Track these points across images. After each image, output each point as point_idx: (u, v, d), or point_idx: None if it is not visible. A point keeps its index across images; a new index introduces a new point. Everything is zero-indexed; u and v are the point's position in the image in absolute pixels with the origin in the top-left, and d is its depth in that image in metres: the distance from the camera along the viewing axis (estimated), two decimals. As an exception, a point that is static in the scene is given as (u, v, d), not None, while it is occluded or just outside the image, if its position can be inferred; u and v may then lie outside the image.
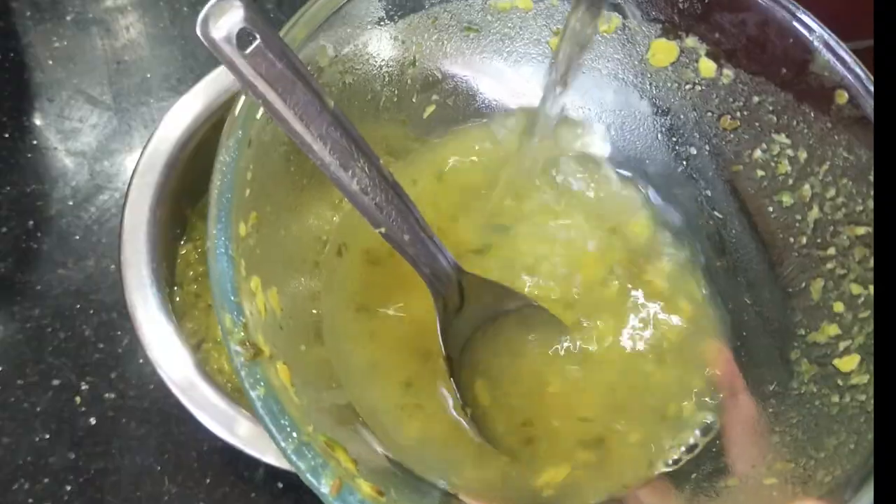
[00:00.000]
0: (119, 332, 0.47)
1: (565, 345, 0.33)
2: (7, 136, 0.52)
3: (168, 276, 0.42)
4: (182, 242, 0.46)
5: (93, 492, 0.44)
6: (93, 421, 0.45)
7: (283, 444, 0.23)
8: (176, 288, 0.45)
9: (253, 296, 0.25)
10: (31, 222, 0.50)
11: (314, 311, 0.32)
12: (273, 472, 0.44)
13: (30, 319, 0.47)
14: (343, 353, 0.32)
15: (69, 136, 0.53)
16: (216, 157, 0.26)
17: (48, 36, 0.56)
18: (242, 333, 0.23)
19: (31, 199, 0.50)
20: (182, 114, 0.43)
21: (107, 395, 0.46)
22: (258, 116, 0.27)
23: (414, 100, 0.35)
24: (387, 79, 0.34)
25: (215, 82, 0.43)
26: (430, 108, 0.36)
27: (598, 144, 0.37)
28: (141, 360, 0.47)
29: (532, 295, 0.33)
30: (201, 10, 0.22)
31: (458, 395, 0.31)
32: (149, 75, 0.55)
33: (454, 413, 0.31)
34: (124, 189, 0.44)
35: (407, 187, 0.27)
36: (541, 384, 0.32)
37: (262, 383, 0.23)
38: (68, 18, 0.56)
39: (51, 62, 0.55)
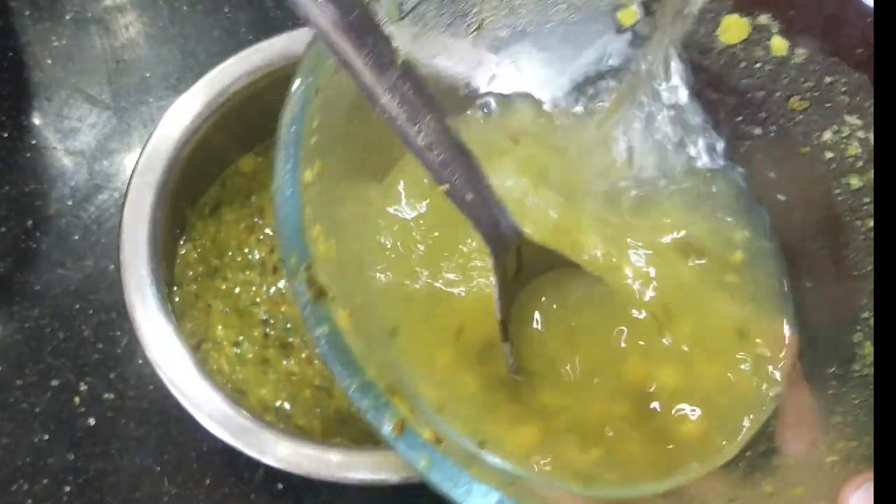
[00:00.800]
0: (118, 333, 0.47)
1: (624, 316, 0.32)
2: (6, 135, 0.52)
3: (167, 276, 0.42)
4: (181, 242, 0.46)
5: (92, 492, 0.44)
6: (92, 421, 0.45)
7: (346, 382, 0.23)
8: (175, 288, 0.45)
9: (315, 242, 0.25)
10: (29, 222, 0.50)
11: (370, 274, 0.32)
12: (273, 473, 0.44)
13: (29, 319, 0.47)
14: (393, 314, 0.31)
15: (68, 135, 0.53)
16: (286, 103, 0.26)
17: (47, 35, 0.56)
18: (307, 273, 0.23)
19: (29, 199, 0.50)
20: (181, 113, 0.42)
21: (106, 395, 0.46)
22: (327, 65, 0.27)
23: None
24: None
25: (215, 81, 0.43)
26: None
27: None
28: (140, 361, 0.46)
29: (591, 265, 0.33)
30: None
31: (510, 360, 0.30)
32: (148, 74, 0.55)
33: (501, 377, 0.31)
34: (123, 189, 0.44)
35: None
36: (591, 354, 0.32)
37: (326, 322, 0.23)
38: (67, 17, 0.56)
39: (49, 61, 0.55)
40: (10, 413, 0.45)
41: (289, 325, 0.44)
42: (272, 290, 0.45)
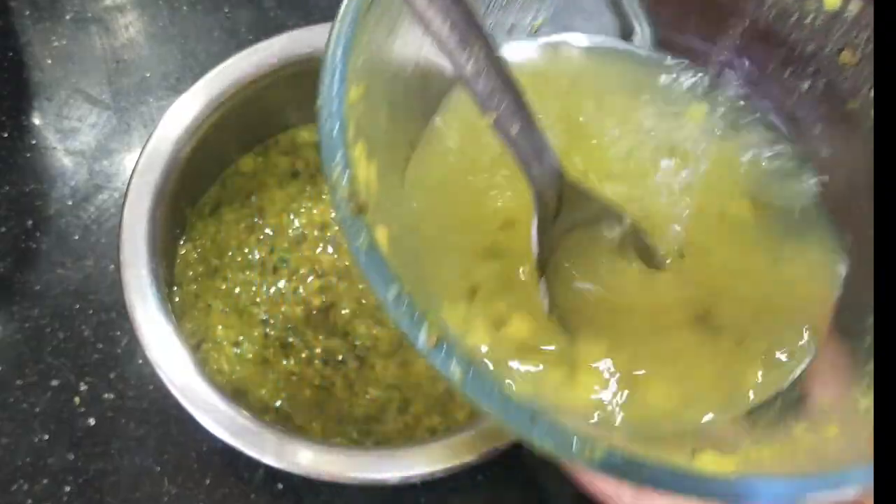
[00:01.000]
0: (118, 333, 0.47)
1: (661, 260, 0.32)
2: (6, 135, 0.52)
3: (167, 276, 0.42)
4: (181, 242, 0.46)
5: (92, 492, 0.44)
6: (92, 421, 0.45)
7: (384, 294, 0.23)
8: (175, 288, 0.45)
9: (356, 161, 0.25)
10: (29, 222, 0.50)
11: (409, 200, 0.32)
12: (273, 473, 0.44)
13: (28, 319, 0.47)
14: (427, 236, 0.31)
15: (68, 135, 0.53)
16: (336, 19, 0.26)
17: (47, 35, 0.56)
18: (349, 187, 0.24)
19: (29, 199, 0.50)
20: (181, 113, 0.42)
21: (106, 395, 0.46)
22: None
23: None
24: None
25: (215, 81, 0.43)
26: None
27: None
28: (140, 361, 0.46)
29: (631, 208, 0.32)
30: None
31: (545, 298, 0.30)
32: (148, 74, 0.55)
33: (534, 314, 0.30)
34: (123, 189, 0.44)
35: None
36: (627, 299, 0.31)
37: (365, 235, 0.23)
38: (67, 17, 0.56)
39: (49, 61, 0.55)
40: (9, 413, 0.45)
41: (289, 325, 0.44)
42: (272, 290, 0.45)
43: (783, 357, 0.30)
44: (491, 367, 0.28)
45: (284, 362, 0.44)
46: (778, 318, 0.31)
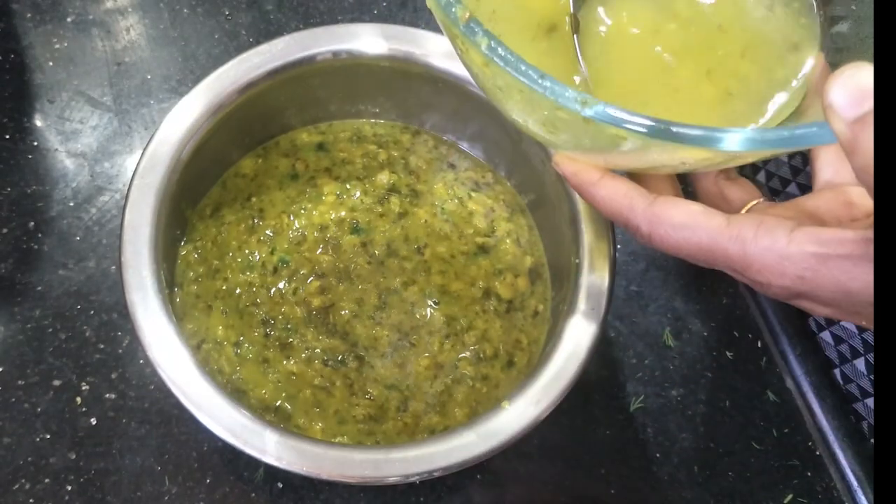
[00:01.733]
0: (119, 333, 0.47)
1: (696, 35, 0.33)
2: (7, 137, 0.53)
3: (168, 277, 0.43)
4: (182, 244, 0.46)
5: (93, 492, 0.44)
6: (93, 421, 0.45)
7: None
8: (176, 289, 0.45)
9: None
10: (31, 223, 0.50)
11: None
12: (273, 473, 0.45)
13: (30, 320, 0.47)
14: None
15: (70, 137, 0.53)
16: None
17: (48, 37, 0.56)
18: None
19: (31, 201, 0.51)
20: (182, 115, 0.43)
21: (107, 395, 0.46)
22: None
23: None
24: None
25: (215, 84, 0.43)
26: None
27: None
28: (141, 361, 0.47)
29: None
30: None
31: (578, 55, 0.31)
32: (149, 77, 0.55)
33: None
34: (125, 190, 0.44)
35: None
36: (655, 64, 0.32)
37: None
38: (69, 20, 0.57)
39: (51, 63, 0.55)
40: (11, 413, 0.45)
41: (289, 325, 0.45)
42: (272, 290, 0.46)
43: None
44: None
45: (284, 362, 0.44)
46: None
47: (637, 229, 0.30)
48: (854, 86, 0.22)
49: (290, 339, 0.44)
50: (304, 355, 0.44)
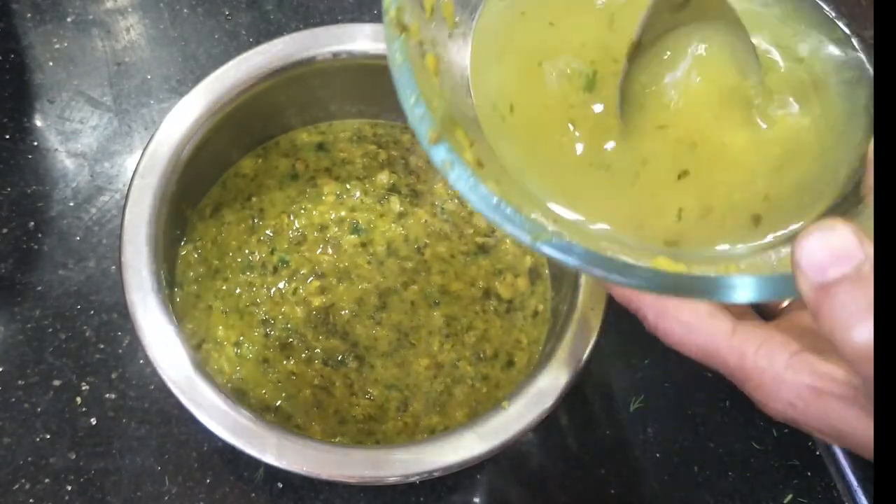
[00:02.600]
0: (119, 333, 0.47)
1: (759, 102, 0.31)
2: (8, 137, 0.53)
3: (168, 277, 0.43)
4: (182, 243, 0.46)
5: (93, 491, 0.44)
6: (93, 421, 0.45)
7: (406, 94, 0.25)
8: (176, 289, 0.45)
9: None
10: (31, 223, 0.50)
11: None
12: (273, 472, 0.45)
13: (30, 320, 0.47)
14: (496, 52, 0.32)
15: (70, 137, 0.53)
16: None
17: (49, 37, 0.56)
18: (395, 15, 0.26)
19: (31, 200, 0.51)
20: (182, 115, 0.43)
21: (107, 395, 0.46)
22: None
23: None
24: None
25: (215, 84, 0.43)
26: None
27: None
28: (141, 361, 0.47)
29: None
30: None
31: (621, 92, 0.30)
32: (149, 77, 0.55)
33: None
34: (125, 190, 0.44)
35: None
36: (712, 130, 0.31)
37: (399, 53, 0.26)
38: (69, 20, 0.57)
39: (51, 63, 0.55)
40: (11, 413, 0.45)
41: (289, 325, 0.45)
42: (272, 290, 0.46)
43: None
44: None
45: (284, 362, 0.44)
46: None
47: (644, 318, 0.30)
48: (824, 249, 0.22)
49: (290, 339, 0.44)
50: (304, 355, 0.44)
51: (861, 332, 0.21)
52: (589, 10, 0.32)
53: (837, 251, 0.22)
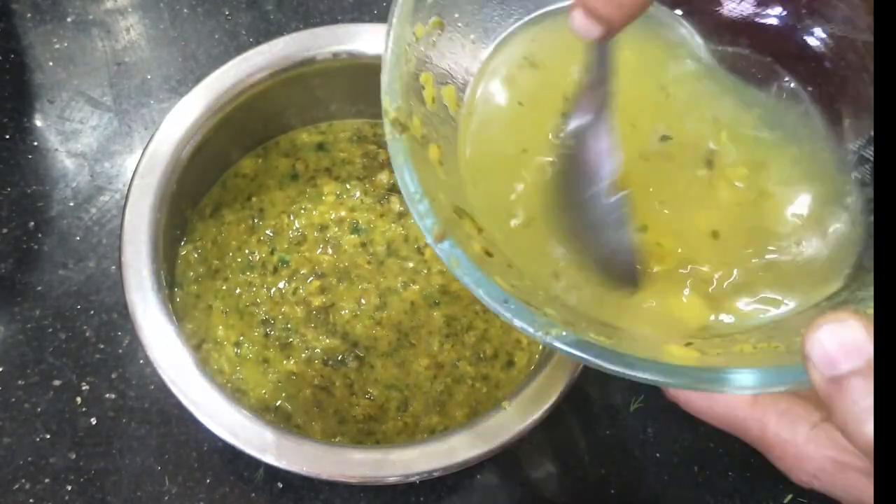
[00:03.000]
0: (119, 333, 0.47)
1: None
2: (7, 137, 0.53)
3: (168, 277, 0.43)
4: (182, 243, 0.46)
5: (93, 491, 0.44)
6: (93, 421, 0.45)
7: (410, 188, 0.26)
8: (176, 289, 0.45)
9: (422, 88, 0.28)
10: (31, 223, 0.50)
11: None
12: (273, 472, 0.45)
13: (30, 320, 0.47)
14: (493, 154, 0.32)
15: (70, 137, 0.53)
16: None
17: (49, 37, 0.56)
18: (395, 115, 0.27)
19: (31, 200, 0.51)
20: (182, 115, 0.43)
21: (107, 395, 0.46)
22: None
23: None
24: None
25: (215, 84, 0.44)
26: None
27: None
28: (141, 361, 0.47)
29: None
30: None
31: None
32: (149, 77, 0.55)
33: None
34: (125, 190, 0.44)
35: None
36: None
37: (401, 155, 0.26)
38: (69, 20, 0.57)
39: (51, 63, 0.55)
40: (11, 413, 0.45)
41: (289, 325, 0.45)
42: (272, 290, 0.46)
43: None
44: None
45: (284, 362, 0.44)
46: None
47: (665, 388, 0.30)
48: (834, 343, 0.22)
49: (290, 339, 0.44)
50: (304, 355, 0.44)
51: (873, 427, 0.21)
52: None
53: (848, 345, 0.21)
